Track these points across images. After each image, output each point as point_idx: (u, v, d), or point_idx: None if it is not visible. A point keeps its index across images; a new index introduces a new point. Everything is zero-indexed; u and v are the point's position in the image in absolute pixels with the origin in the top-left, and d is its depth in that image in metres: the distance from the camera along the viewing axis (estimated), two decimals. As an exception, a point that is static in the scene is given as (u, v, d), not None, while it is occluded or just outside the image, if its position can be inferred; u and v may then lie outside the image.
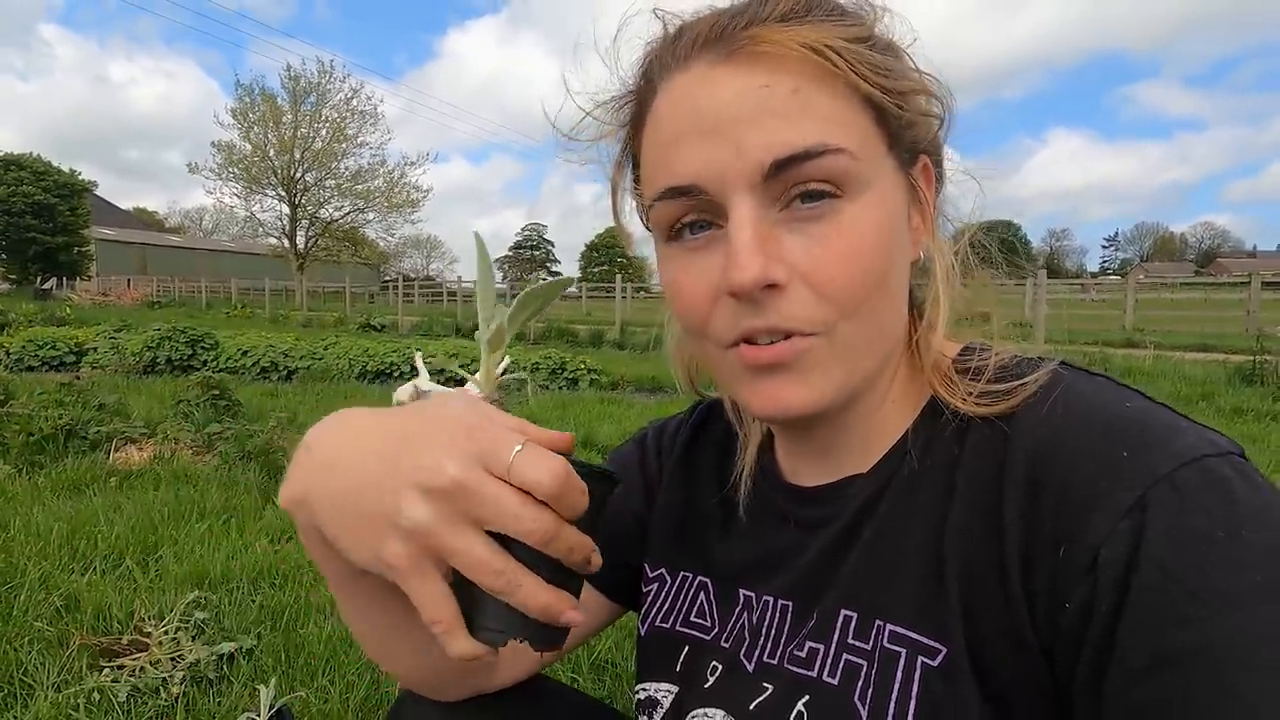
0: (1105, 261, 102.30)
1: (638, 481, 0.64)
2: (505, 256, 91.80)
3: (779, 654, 0.49)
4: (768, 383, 0.44)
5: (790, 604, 0.50)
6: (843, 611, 0.46)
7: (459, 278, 31.08)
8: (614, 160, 0.50)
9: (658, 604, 0.59)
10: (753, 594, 0.53)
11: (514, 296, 0.45)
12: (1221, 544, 0.34)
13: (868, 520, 0.47)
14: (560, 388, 7.97)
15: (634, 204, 0.49)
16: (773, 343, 0.42)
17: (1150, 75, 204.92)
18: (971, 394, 0.44)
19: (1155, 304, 19.23)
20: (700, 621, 0.56)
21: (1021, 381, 0.43)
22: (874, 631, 0.44)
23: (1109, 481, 0.37)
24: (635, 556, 0.62)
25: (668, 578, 0.59)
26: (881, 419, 0.49)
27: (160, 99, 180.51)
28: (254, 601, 2.26)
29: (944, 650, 0.41)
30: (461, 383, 0.55)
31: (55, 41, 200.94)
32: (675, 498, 0.61)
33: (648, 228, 0.48)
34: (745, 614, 0.53)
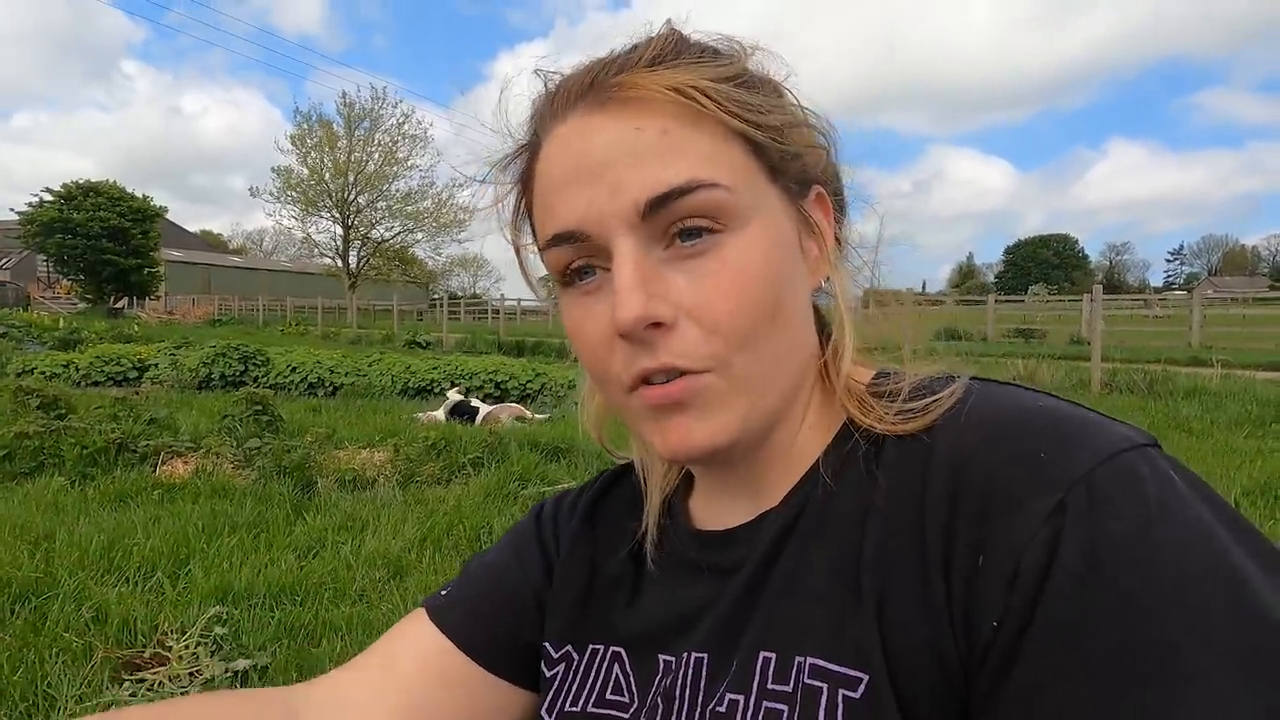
0: (1170, 276, 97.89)
1: (536, 557, 0.59)
2: (546, 276, 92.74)
3: (699, 713, 0.45)
4: (670, 422, 0.44)
5: (705, 656, 0.46)
6: (761, 654, 0.43)
7: (502, 295, 31.66)
8: (510, 220, 0.52)
9: (566, 686, 0.53)
10: (672, 657, 0.49)
11: (556, 313, 0.50)
12: (1130, 548, 0.33)
13: (782, 553, 0.45)
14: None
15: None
16: (668, 381, 0.42)
17: (1217, 82, 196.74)
18: (887, 414, 0.44)
19: (1224, 320, 18.21)
20: (617, 698, 0.51)
21: (935, 397, 0.43)
22: (794, 670, 0.41)
23: (1027, 485, 0.36)
24: (538, 637, 0.57)
25: (574, 655, 0.54)
26: (800, 449, 0.48)
27: (227, 127, 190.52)
28: (274, 617, 2.29)
29: (864, 679, 0.39)
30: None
31: (135, 75, 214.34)
32: (578, 567, 0.57)
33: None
34: (664, 680, 0.49)
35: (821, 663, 0.40)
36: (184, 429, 4.95)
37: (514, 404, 6.92)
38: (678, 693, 0.47)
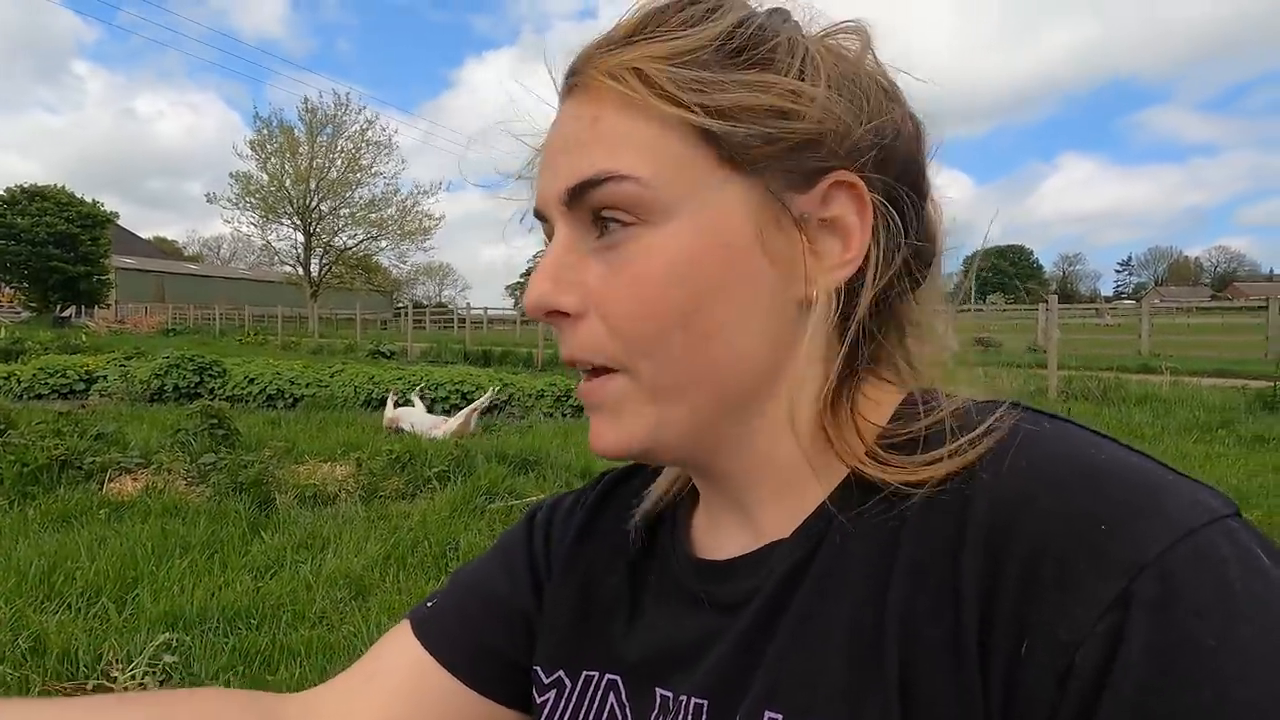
0: (1119, 286, 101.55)
1: (524, 573, 0.55)
2: (517, 283, 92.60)
3: None
4: (591, 419, 0.44)
5: (705, 703, 0.43)
6: (767, 713, 0.39)
7: (468, 304, 31.27)
8: None
9: (557, 714, 0.50)
10: (669, 693, 0.46)
11: (523, 322, 0.47)
12: (1212, 653, 0.29)
13: (791, 597, 0.41)
14: (564, 415, 7.91)
15: None
16: (587, 376, 0.43)
17: (1161, 101, 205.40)
18: (912, 465, 0.38)
19: (1171, 329, 18.84)
20: None
21: (971, 435, 0.37)
22: None
23: (1086, 564, 0.31)
24: (525, 657, 0.54)
25: (567, 681, 0.51)
26: (792, 477, 0.43)
27: (183, 131, 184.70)
28: (228, 643, 2.19)
29: None
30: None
31: (86, 76, 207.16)
32: (572, 585, 0.53)
33: None
34: (661, 718, 0.45)
35: None
36: (134, 444, 4.75)
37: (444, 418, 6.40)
38: None
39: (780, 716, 0.39)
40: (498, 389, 7.54)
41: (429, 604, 0.56)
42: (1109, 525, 0.32)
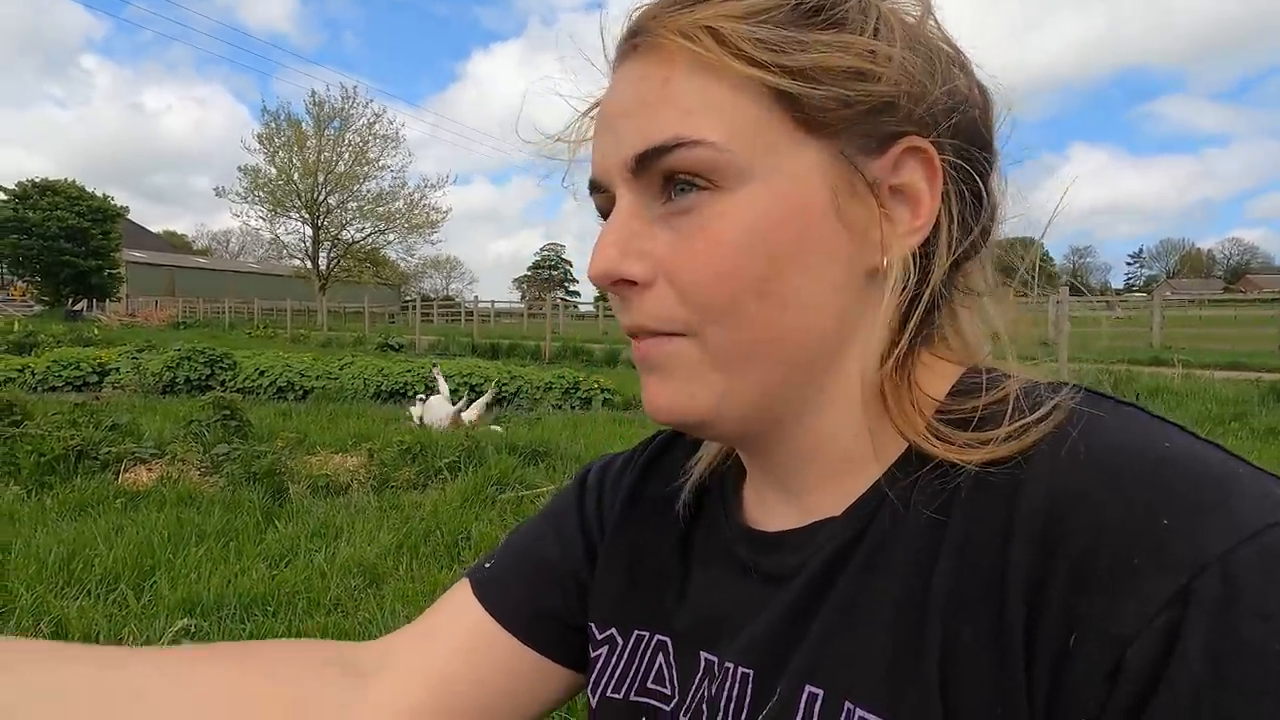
0: (1130, 278, 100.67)
1: (575, 535, 0.57)
2: (524, 276, 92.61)
3: None
4: (647, 380, 0.42)
5: (751, 673, 0.44)
6: (808, 688, 0.40)
7: (475, 298, 31.37)
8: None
9: (609, 670, 0.52)
10: (715, 658, 0.46)
11: (530, 315, 0.45)
12: (1276, 659, 0.27)
13: (839, 575, 0.41)
14: (573, 407, 7.93)
15: None
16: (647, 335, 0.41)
17: (1175, 90, 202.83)
18: (968, 444, 0.37)
19: (1183, 321, 18.75)
20: (659, 689, 0.49)
21: (1030, 418, 0.36)
22: (843, 715, 0.38)
23: (1142, 559, 0.30)
24: (578, 617, 0.55)
25: (619, 639, 0.52)
26: (850, 454, 0.43)
27: (192, 125, 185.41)
28: (245, 629, 2.22)
29: None
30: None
31: (95, 71, 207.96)
32: (623, 546, 0.54)
33: None
34: (706, 682, 0.46)
35: (872, 717, 0.36)
36: (148, 435, 4.79)
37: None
38: (721, 703, 0.44)
39: (821, 693, 0.39)
40: (494, 383, 7.53)
41: (486, 565, 0.57)
42: (1171, 520, 0.30)
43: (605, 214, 0.43)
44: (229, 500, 3.56)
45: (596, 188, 0.43)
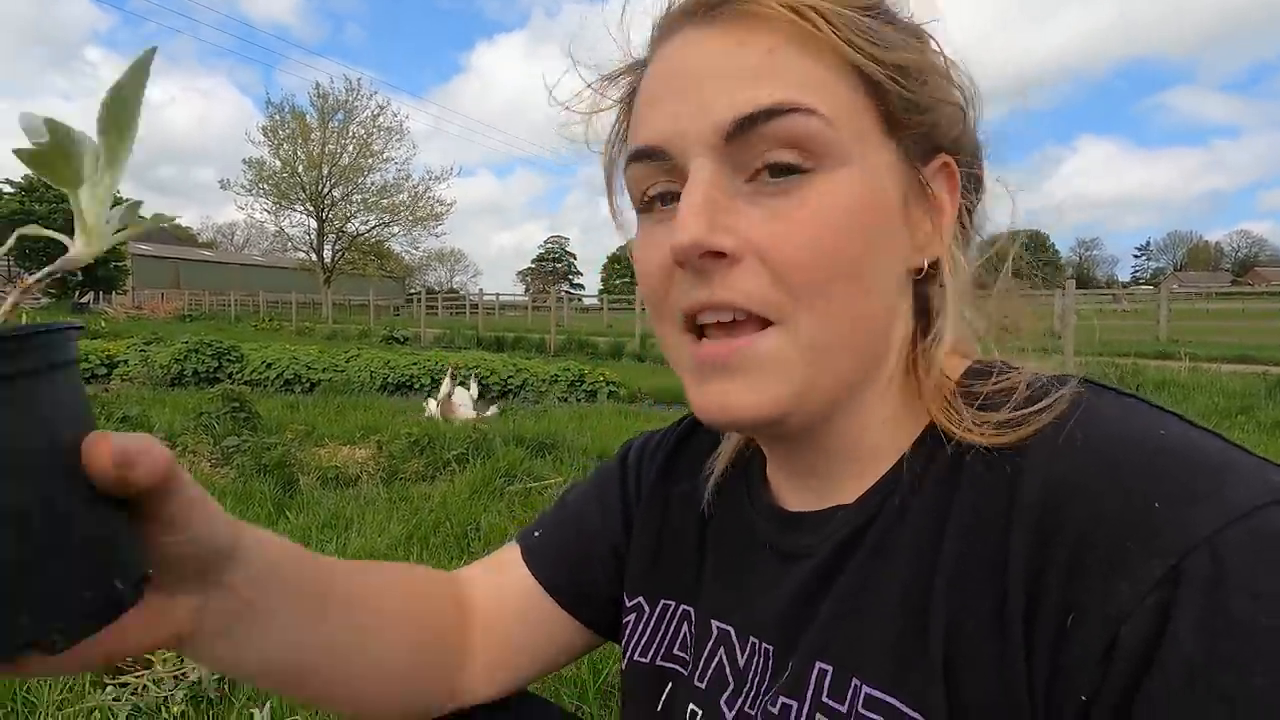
0: (1137, 271, 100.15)
1: (616, 506, 0.60)
2: (528, 269, 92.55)
3: (756, 706, 0.45)
4: (710, 385, 0.40)
5: (771, 649, 0.46)
6: (818, 665, 0.42)
7: (480, 290, 31.39)
8: (608, 139, 0.49)
9: (636, 636, 0.55)
10: (730, 629, 0.49)
11: (535, 308, 0.43)
12: (1266, 634, 0.28)
13: (848, 558, 0.43)
14: (578, 400, 7.95)
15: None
16: (728, 323, 0.39)
17: (1184, 81, 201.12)
18: (977, 423, 0.39)
19: (1190, 314, 18.63)
20: (682, 655, 0.52)
21: (1034, 408, 0.37)
22: (850, 691, 0.39)
23: (1135, 542, 0.31)
24: (614, 588, 0.58)
25: (646, 607, 0.55)
26: (874, 442, 0.44)
27: (196, 118, 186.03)
28: (260, 618, 2.25)
29: None
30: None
31: (99, 63, 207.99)
32: (654, 520, 0.57)
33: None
34: (722, 651, 0.49)
35: (879, 694, 0.38)
36: (158, 427, 4.83)
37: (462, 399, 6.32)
38: (745, 676, 0.46)
39: (830, 669, 0.41)
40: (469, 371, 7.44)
41: (536, 533, 0.60)
42: (1162, 505, 0.31)
43: (643, 190, 0.41)
44: (241, 492, 3.59)
45: (651, 154, 0.40)
